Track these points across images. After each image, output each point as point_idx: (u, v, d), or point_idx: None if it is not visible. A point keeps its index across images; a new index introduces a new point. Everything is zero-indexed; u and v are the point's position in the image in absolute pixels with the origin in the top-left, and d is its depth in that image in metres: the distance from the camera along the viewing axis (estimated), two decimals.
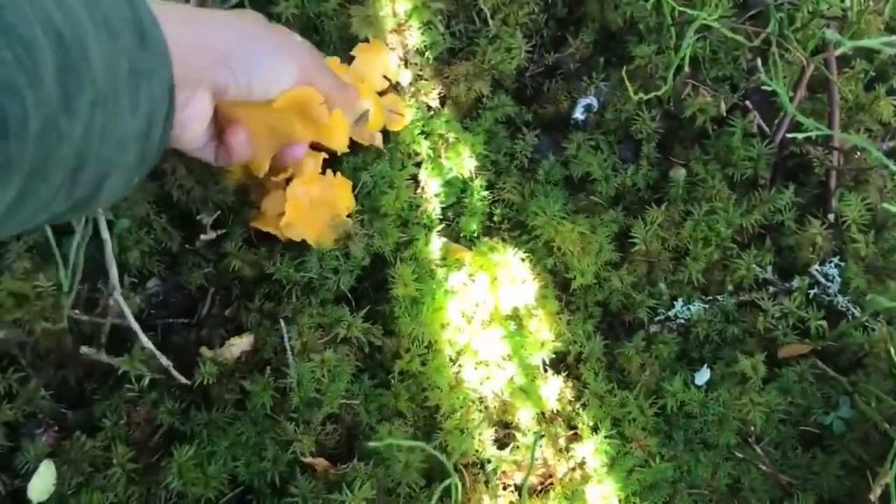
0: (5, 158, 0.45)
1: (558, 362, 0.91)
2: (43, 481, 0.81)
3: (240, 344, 0.87)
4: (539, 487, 0.86)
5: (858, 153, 0.98)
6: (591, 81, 1.01)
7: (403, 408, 0.86)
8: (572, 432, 0.88)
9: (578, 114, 1.01)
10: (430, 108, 0.99)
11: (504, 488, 0.85)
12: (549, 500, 0.84)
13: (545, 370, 0.89)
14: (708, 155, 0.99)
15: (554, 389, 0.87)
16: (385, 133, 0.97)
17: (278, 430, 0.82)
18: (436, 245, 0.92)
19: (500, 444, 0.87)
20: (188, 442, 0.83)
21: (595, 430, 0.86)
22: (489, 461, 0.85)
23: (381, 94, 0.96)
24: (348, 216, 0.91)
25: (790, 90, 0.94)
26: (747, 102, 0.99)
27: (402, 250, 0.92)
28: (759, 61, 0.75)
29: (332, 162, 0.93)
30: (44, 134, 0.48)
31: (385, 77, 0.96)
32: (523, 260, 0.90)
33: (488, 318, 0.88)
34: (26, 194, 0.49)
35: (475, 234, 0.96)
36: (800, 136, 0.68)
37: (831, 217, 0.97)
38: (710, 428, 0.88)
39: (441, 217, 0.96)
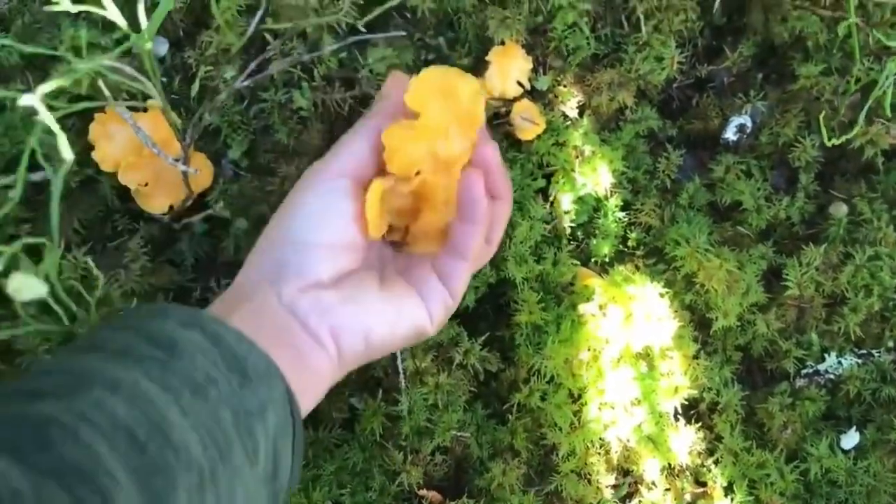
0: None
1: (688, 409, 0.83)
2: None
3: None
4: None
5: None
6: (747, 99, 0.91)
7: (518, 444, 0.80)
8: (700, 489, 0.80)
9: (730, 133, 0.92)
10: (566, 117, 0.91)
11: None
12: None
13: (676, 419, 0.81)
14: (875, 192, 0.88)
15: (686, 441, 0.80)
16: (517, 142, 0.90)
17: (386, 458, 0.78)
18: (565, 268, 0.84)
19: (618, 492, 0.80)
20: None
21: (728, 490, 0.79)
22: None
23: (515, 100, 0.89)
24: None
25: None
26: None
27: (528, 271, 0.85)
28: None
29: None
30: None
31: (519, 83, 0.89)
32: (662, 295, 0.82)
33: (617, 356, 0.81)
34: None
35: (606, 259, 0.88)
36: None
37: None
38: (856, 500, 0.79)
39: (570, 237, 0.89)
